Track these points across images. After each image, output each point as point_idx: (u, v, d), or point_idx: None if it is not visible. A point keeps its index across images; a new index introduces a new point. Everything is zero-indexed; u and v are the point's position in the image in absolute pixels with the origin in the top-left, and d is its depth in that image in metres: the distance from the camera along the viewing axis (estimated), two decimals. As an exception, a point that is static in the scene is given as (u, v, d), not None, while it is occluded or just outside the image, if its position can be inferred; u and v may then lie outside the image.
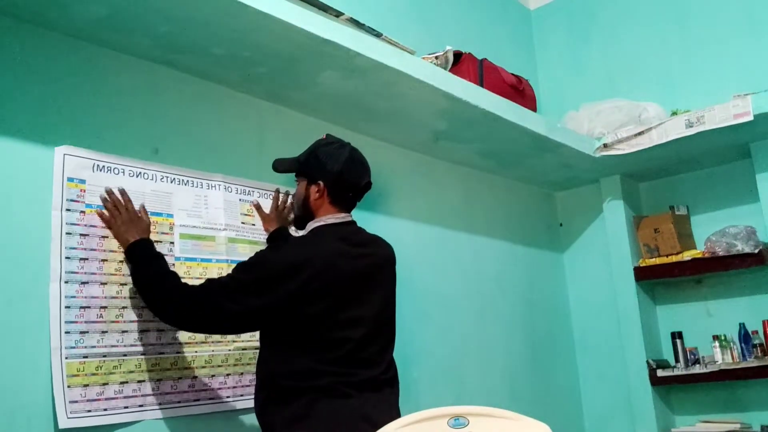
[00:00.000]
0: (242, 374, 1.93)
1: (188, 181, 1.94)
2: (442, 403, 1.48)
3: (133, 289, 1.71)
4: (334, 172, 1.74)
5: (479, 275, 2.96)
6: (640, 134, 2.90)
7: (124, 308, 1.70)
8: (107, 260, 1.70)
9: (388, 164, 2.59)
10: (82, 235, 1.66)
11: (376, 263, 1.76)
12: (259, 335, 1.72)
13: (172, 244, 1.86)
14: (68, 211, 1.65)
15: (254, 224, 2.08)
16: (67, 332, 1.58)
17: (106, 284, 1.68)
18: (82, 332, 1.61)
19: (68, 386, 1.55)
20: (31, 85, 1.65)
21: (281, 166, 1.89)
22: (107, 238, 1.71)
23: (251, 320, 1.64)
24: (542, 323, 3.27)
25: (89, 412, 1.58)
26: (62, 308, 1.58)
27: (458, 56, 2.66)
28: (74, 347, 1.59)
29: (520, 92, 2.80)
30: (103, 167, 1.75)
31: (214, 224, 1.97)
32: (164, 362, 1.76)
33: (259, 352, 1.71)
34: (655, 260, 3.19)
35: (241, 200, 2.06)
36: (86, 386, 1.59)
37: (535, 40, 3.82)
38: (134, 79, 1.87)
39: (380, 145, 2.60)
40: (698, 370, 3.00)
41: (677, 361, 3.13)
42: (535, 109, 2.87)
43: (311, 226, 1.77)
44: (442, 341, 2.67)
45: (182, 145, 1.95)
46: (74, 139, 1.70)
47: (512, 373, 2.99)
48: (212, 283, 1.64)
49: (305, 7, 1.83)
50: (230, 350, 1.92)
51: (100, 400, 1.61)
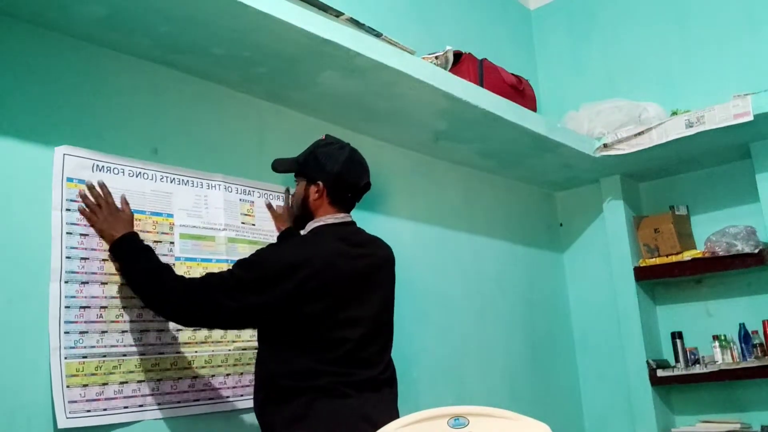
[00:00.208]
0: (242, 374, 1.93)
1: (188, 181, 1.94)
2: (442, 403, 1.48)
3: (133, 289, 1.72)
4: (333, 172, 1.75)
5: (479, 275, 2.96)
6: (640, 134, 2.90)
7: (124, 308, 1.70)
8: (108, 260, 1.69)
9: (388, 164, 2.59)
10: (82, 234, 1.66)
11: (375, 264, 1.76)
12: (258, 335, 1.72)
13: (172, 244, 1.86)
14: (68, 211, 1.65)
15: (254, 224, 2.08)
16: (66, 332, 1.58)
17: (106, 284, 1.68)
18: (81, 332, 1.61)
19: (67, 386, 1.55)
20: (31, 85, 1.65)
21: (281, 166, 1.89)
22: (107, 237, 1.71)
23: (249, 317, 1.64)
24: (542, 323, 3.27)
25: (89, 412, 1.58)
26: (62, 308, 1.58)
27: (458, 56, 2.66)
28: (74, 347, 1.59)
29: (520, 92, 2.80)
30: (102, 167, 1.74)
31: (214, 224, 1.97)
32: (164, 362, 1.76)
33: (258, 352, 1.71)
34: (655, 260, 3.19)
35: (241, 200, 2.06)
36: (85, 386, 1.59)
37: (535, 40, 3.82)
38: (134, 79, 1.87)
39: (380, 145, 2.60)
40: (698, 370, 3.00)
41: (677, 361, 3.13)
42: (535, 109, 2.87)
43: (311, 226, 1.77)
44: (442, 341, 2.67)
45: (182, 145, 1.95)
46: (74, 139, 1.70)
47: (512, 373, 2.99)
48: (211, 277, 1.63)
49: (305, 7, 1.83)
50: (230, 350, 1.92)
51: (99, 400, 1.61)
